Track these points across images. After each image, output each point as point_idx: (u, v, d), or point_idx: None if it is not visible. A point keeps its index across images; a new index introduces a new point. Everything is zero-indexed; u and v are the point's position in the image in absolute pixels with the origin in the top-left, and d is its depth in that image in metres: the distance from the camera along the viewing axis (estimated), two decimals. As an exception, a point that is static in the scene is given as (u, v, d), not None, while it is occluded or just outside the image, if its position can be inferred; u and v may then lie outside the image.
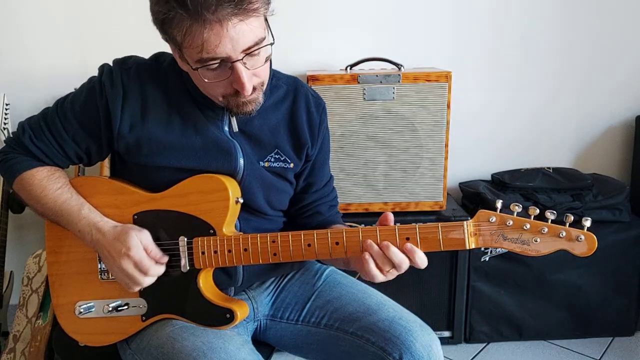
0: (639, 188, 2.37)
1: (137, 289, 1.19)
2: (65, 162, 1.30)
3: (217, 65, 1.08)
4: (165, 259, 1.19)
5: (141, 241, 1.16)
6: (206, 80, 1.10)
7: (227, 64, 1.08)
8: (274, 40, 1.12)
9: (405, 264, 1.12)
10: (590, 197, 2.20)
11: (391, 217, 1.16)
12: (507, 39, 2.36)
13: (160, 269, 1.19)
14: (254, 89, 1.14)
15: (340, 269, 1.43)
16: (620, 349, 2.25)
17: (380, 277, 1.14)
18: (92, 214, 1.22)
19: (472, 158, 2.45)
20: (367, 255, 1.12)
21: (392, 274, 1.14)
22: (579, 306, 2.24)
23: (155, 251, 1.18)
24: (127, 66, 1.23)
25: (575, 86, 2.42)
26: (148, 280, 1.18)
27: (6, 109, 2.06)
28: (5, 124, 2.05)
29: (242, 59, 1.08)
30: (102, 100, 1.21)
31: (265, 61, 1.14)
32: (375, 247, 1.12)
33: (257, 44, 1.08)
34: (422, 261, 1.12)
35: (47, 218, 1.27)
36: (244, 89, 1.10)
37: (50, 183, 1.25)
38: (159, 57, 1.28)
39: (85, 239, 1.21)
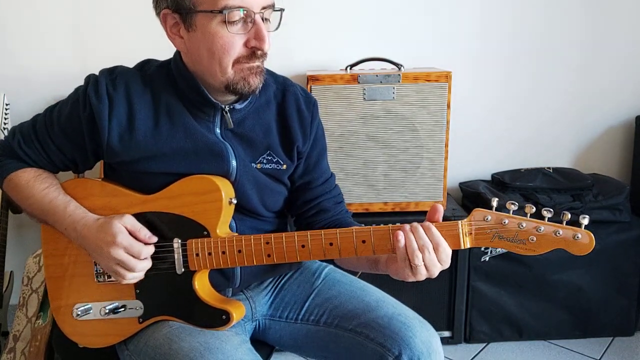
0: (639, 188, 2.36)
1: (131, 277, 1.17)
2: (52, 168, 1.31)
3: (238, 19, 1.12)
4: (155, 239, 1.19)
5: (125, 226, 1.16)
6: (229, 32, 1.12)
7: (248, 19, 1.13)
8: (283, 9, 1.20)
9: (428, 248, 1.08)
10: (590, 197, 2.19)
11: (440, 209, 1.12)
12: (507, 39, 2.35)
13: (151, 249, 1.18)
14: (265, 54, 1.17)
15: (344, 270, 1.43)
16: (620, 349, 2.25)
17: (407, 271, 1.10)
18: (77, 210, 1.22)
19: (472, 158, 2.45)
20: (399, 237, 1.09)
21: (421, 272, 1.10)
22: (579, 306, 2.24)
23: (143, 231, 1.18)
24: (112, 76, 1.24)
25: (575, 86, 2.41)
26: (141, 265, 1.16)
27: (6, 109, 2.07)
28: (5, 124, 2.05)
29: (262, 14, 1.14)
30: (86, 112, 1.21)
31: (272, 30, 1.19)
32: (407, 227, 1.09)
33: (272, 4, 1.17)
34: (444, 250, 1.08)
35: (36, 218, 1.28)
36: (263, 41, 1.14)
37: (37, 183, 1.26)
38: (144, 64, 1.29)
39: (71, 236, 1.22)
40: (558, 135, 2.47)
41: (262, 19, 1.14)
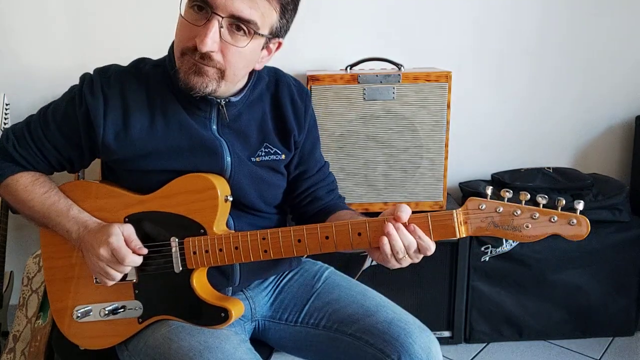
0: (639, 188, 2.36)
1: (114, 276, 1.18)
2: (48, 169, 1.31)
3: (200, 8, 1.08)
4: (145, 251, 1.19)
5: (123, 231, 1.17)
6: (182, 16, 1.11)
7: (208, 14, 1.08)
8: (272, 48, 1.21)
9: (413, 247, 1.09)
10: (590, 197, 2.19)
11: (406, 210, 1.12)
12: (507, 39, 2.35)
13: (137, 260, 1.18)
14: (210, 58, 1.11)
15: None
16: (620, 349, 2.25)
17: (393, 262, 1.11)
18: (81, 214, 1.24)
19: (472, 158, 2.45)
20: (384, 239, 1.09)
21: (406, 261, 1.11)
22: (579, 306, 2.24)
23: (136, 242, 1.19)
24: (107, 75, 1.24)
25: (575, 86, 2.41)
26: (122, 269, 1.18)
27: (6, 109, 2.06)
28: (5, 124, 2.05)
29: (222, 19, 1.08)
30: (82, 110, 1.21)
31: (244, 53, 1.13)
32: (391, 227, 1.09)
33: (247, 21, 1.09)
34: (427, 245, 1.09)
35: (35, 221, 1.29)
36: (202, 41, 1.07)
37: (36, 187, 1.26)
38: (138, 62, 1.29)
39: (72, 237, 1.22)
40: (558, 135, 2.46)
41: (221, 25, 1.08)
